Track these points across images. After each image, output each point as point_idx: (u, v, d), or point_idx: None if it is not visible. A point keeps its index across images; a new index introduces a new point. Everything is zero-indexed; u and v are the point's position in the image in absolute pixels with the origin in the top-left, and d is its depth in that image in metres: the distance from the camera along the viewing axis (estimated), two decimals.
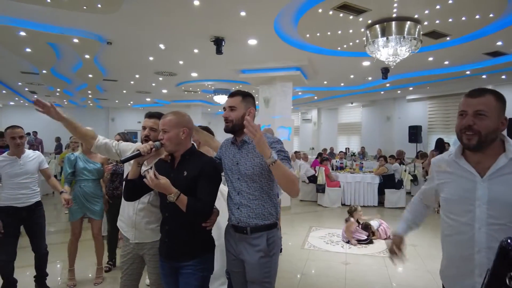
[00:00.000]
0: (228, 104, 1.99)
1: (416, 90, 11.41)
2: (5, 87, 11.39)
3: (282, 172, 1.71)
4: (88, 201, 3.54)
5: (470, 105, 1.37)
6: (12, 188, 3.15)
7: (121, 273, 2.30)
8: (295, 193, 1.81)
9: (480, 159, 1.40)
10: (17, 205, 3.16)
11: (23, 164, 3.22)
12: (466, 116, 1.38)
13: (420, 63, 7.50)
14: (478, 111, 1.35)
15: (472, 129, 1.35)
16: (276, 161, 1.67)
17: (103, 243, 3.81)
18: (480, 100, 1.36)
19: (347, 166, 9.65)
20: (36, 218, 3.31)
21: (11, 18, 5.16)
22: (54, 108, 2.15)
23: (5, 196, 3.14)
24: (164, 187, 1.76)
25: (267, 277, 1.90)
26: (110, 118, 19.24)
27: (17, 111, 17.31)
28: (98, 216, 3.63)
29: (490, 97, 1.36)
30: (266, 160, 1.69)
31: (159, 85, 11.00)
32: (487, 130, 1.34)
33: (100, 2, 4.31)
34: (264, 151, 1.67)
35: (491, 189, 1.34)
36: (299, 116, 18.97)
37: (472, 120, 1.36)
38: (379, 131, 13.66)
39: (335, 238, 5.56)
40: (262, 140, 1.65)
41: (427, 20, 4.90)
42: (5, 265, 3.15)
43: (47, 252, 3.43)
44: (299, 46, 6.31)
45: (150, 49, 6.62)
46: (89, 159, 3.59)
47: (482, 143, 1.35)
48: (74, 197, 3.51)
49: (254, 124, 1.65)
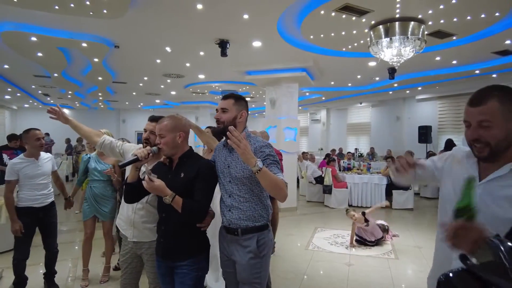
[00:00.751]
0: (220, 106, 2.03)
1: (425, 90, 11.27)
2: (20, 90, 11.71)
3: (268, 180, 1.74)
4: (97, 202, 3.62)
5: (472, 115, 1.25)
6: (30, 189, 3.26)
7: (121, 272, 2.37)
8: (283, 198, 1.82)
9: (488, 166, 1.30)
10: (35, 206, 3.28)
11: (41, 165, 3.34)
12: (471, 127, 1.26)
13: (428, 63, 7.42)
14: (481, 121, 1.22)
15: (480, 141, 1.24)
16: (262, 169, 1.69)
17: (113, 242, 3.90)
18: (482, 109, 1.22)
19: (354, 167, 9.60)
20: (50, 217, 3.43)
21: (23, 24, 5.33)
22: (61, 111, 2.43)
23: (24, 197, 3.25)
24: (159, 189, 1.81)
25: (257, 278, 1.92)
26: (121, 120, 19.53)
27: (31, 113, 17.74)
28: (107, 217, 3.69)
29: (492, 103, 1.20)
30: (251, 168, 1.71)
31: (167, 87, 11.14)
32: (496, 139, 1.21)
33: (105, 8, 4.42)
34: (248, 161, 1.69)
35: (480, 196, 1.22)
36: (307, 117, 18.92)
37: (477, 132, 1.24)
38: (389, 131, 13.52)
39: (340, 239, 5.55)
40: (246, 150, 1.68)
41: (432, 20, 4.86)
42: (18, 263, 3.29)
43: (58, 250, 3.55)
44: (304, 47, 6.32)
45: (157, 52, 6.73)
46: (101, 160, 3.68)
47: (494, 153, 1.23)
48: (86, 197, 3.63)
49: (238, 134, 1.68)
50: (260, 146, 1.93)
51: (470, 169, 1.34)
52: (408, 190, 7.98)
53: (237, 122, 1.99)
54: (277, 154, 2.36)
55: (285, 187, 1.81)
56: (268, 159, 1.87)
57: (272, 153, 1.93)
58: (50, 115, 2.43)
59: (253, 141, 1.97)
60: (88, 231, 3.65)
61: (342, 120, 16.58)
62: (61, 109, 2.44)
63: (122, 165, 2.02)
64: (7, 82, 10.13)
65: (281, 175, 1.83)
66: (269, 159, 1.88)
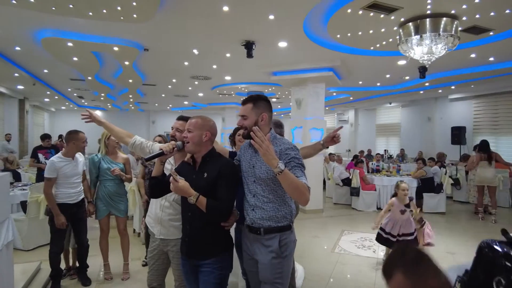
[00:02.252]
0: (240, 113, 2.05)
1: (459, 89, 10.76)
2: (57, 93, 12.36)
3: (289, 182, 1.72)
4: (113, 200, 3.75)
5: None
6: (66, 187, 3.48)
7: (148, 268, 2.45)
8: (304, 202, 1.79)
9: None
10: (69, 202, 3.48)
11: (76, 165, 3.55)
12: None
13: (462, 61, 7.09)
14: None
15: None
16: (283, 171, 1.68)
17: (129, 239, 4.01)
18: None
19: (383, 169, 9.33)
20: (81, 213, 3.61)
21: (61, 31, 5.63)
22: (93, 114, 2.61)
23: (60, 194, 3.46)
24: (183, 190, 1.86)
25: (278, 277, 1.92)
26: (151, 121, 20.13)
27: (67, 114, 18.67)
28: (123, 213, 3.84)
29: None
30: (272, 169, 1.70)
31: (195, 89, 11.35)
32: None
33: (135, 12, 4.57)
34: (270, 162, 1.69)
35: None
36: (335, 117, 18.62)
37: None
38: (420, 132, 13.04)
39: (367, 242, 5.42)
40: (268, 151, 1.67)
41: (466, 15, 4.64)
42: (55, 257, 3.50)
43: (88, 245, 3.72)
44: (331, 46, 6.23)
45: (184, 54, 6.87)
46: (112, 160, 3.80)
47: None
48: (100, 196, 3.73)
49: (261, 135, 1.67)
50: (286, 148, 1.92)
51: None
52: (440, 193, 7.66)
53: (259, 125, 1.98)
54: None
55: (307, 191, 1.77)
56: (292, 162, 1.85)
57: (297, 155, 1.90)
58: (86, 120, 2.62)
59: (278, 143, 1.96)
60: (105, 228, 3.79)
61: (370, 120, 16.19)
62: (92, 112, 2.61)
63: (148, 159, 2.10)
64: (46, 86, 10.73)
65: (304, 179, 1.80)
66: (293, 161, 1.86)
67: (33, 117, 15.16)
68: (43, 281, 3.57)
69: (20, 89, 11.43)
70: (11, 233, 2.92)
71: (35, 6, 4.39)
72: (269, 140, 1.75)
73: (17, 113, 13.14)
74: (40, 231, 4.88)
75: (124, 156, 3.94)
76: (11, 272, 2.94)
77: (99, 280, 3.82)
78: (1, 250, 2.72)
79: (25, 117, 13.39)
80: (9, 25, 5.34)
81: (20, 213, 4.95)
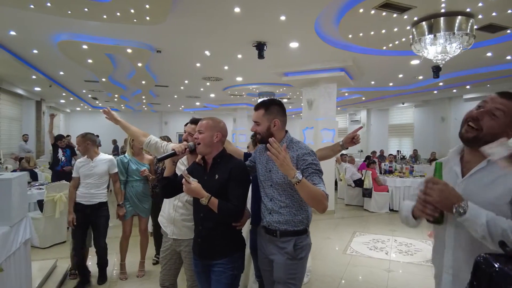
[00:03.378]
0: (252, 119, 2.05)
1: (475, 89, 10.54)
2: (72, 95, 12.63)
3: (307, 191, 1.70)
4: (139, 200, 3.84)
5: (493, 100, 1.31)
6: (83, 187, 3.56)
7: (161, 268, 2.48)
8: (321, 210, 1.77)
9: (471, 159, 1.35)
10: (82, 202, 3.54)
11: (94, 166, 3.58)
12: (480, 110, 1.32)
13: (477, 60, 6.95)
14: (496, 108, 1.28)
15: (476, 123, 1.30)
16: (301, 181, 1.67)
17: (148, 239, 4.09)
18: (506, 101, 1.28)
19: (396, 170, 9.22)
20: (97, 217, 3.60)
21: (76, 34, 5.77)
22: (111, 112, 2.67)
23: (78, 194, 3.56)
24: (195, 191, 1.87)
25: (292, 278, 1.92)
26: (163, 122, 20.36)
27: (82, 115, 19.06)
28: (147, 213, 3.95)
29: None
30: (290, 179, 1.69)
31: (207, 90, 11.43)
32: (489, 131, 1.27)
33: (148, 15, 4.64)
34: (287, 172, 1.68)
35: (464, 189, 1.29)
36: (347, 118, 18.48)
37: (483, 115, 1.29)
38: (433, 133, 12.84)
39: (380, 244, 5.37)
40: (284, 162, 1.67)
41: (482, 13, 4.55)
42: (75, 252, 3.61)
43: (105, 247, 3.71)
44: (342, 46, 6.20)
45: (196, 56, 6.94)
46: (139, 161, 3.89)
47: (478, 140, 1.29)
48: (127, 197, 3.80)
49: (278, 146, 1.67)
50: (303, 153, 1.90)
51: (454, 166, 1.40)
52: None
53: (272, 131, 1.97)
54: None
55: (325, 200, 1.75)
56: (310, 168, 1.83)
57: (315, 161, 1.88)
58: (106, 116, 2.71)
59: (295, 148, 1.95)
60: (128, 229, 3.86)
61: (383, 121, 16.01)
62: (111, 111, 2.69)
63: (160, 159, 2.11)
64: (62, 88, 10.97)
65: (322, 186, 1.78)
66: (311, 167, 1.84)
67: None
68: (59, 278, 3.65)
69: (37, 90, 11.72)
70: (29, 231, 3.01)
71: (52, 10, 4.50)
72: (285, 147, 1.73)
73: (34, 114, 13.48)
74: (56, 229, 5.00)
75: (150, 157, 4.00)
76: (29, 268, 3.02)
77: (112, 279, 3.88)
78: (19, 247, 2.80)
79: (42, 118, 13.72)
80: (27, 29, 5.49)
81: (36, 211, 5.08)
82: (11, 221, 2.66)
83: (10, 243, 2.59)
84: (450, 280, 1.34)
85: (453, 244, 1.33)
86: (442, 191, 1.23)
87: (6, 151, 9.98)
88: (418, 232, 6.06)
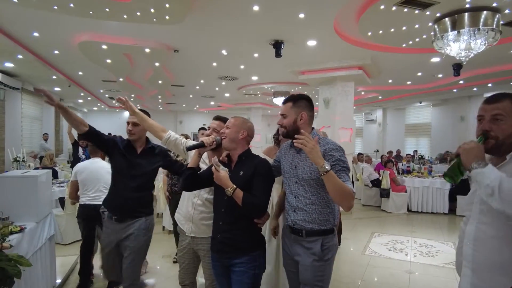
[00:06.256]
0: (280, 112, 2.06)
1: (497, 87, 10.23)
2: (90, 94, 12.87)
3: (334, 184, 1.68)
4: None
5: (486, 110, 1.42)
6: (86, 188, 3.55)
7: (179, 266, 2.45)
8: (347, 207, 1.75)
9: (493, 161, 1.43)
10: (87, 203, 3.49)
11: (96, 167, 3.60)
12: (483, 121, 1.43)
13: (500, 57, 6.74)
14: (494, 115, 1.39)
15: (490, 134, 1.40)
16: (329, 172, 1.65)
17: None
18: (496, 105, 1.40)
19: (414, 170, 9.04)
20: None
21: (96, 35, 5.86)
22: (128, 102, 2.46)
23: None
24: (223, 179, 1.89)
25: (319, 280, 1.88)
26: (178, 121, 20.55)
27: (99, 115, 19.40)
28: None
29: (506, 102, 1.38)
30: (318, 168, 1.68)
31: (222, 89, 11.47)
32: (505, 134, 1.37)
33: (167, 14, 4.67)
34: (315, 161, 1.67)
35: None
36: (362, 117, 18.25)
37: (489, 125, 1.40)
38: (452, 132, 12.53)
39: (399, 245, 5.27)
40: (314, 149, 1.67)
41: (509, 8, 4.41)
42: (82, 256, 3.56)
43: None
44: (361, 44, 6.11)
45: (213, 55, 6.96)
46: None
47: (499, 146, 1.38)
48: None
49: (307, 135, 1.69)
50: (330, 149, 1.86)
51: None
52: None
53: (298, 124, 1.95)
54: None
55: (352, 197, 1.72)
56: (338, 165, 1.79)
57: (343, 158, 1.84)
58: (119, 103, 2.49)
59: (322, 143, 1.91)
60: None
61: (399, 120, 15.73)
62: (128, 100, 2.47)
63: (189, 148, 2.15)
64: (80, 87, 11.19)
65: (350, 184, 1.75)
66: (339, 164, 1.80)
67: None
68: None
69: (56, 90, 11.98)
70: (53, 227, 3.07)
71: (75, 11, 4.58)
72: (317, 139, 1.74)
73: (53, 114, 13.79)
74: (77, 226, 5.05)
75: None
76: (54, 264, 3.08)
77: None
78: (45, 243, 2.86)
79: (61, 117, 14.01)
80: (49, 30, 5.60)
81: (58, 209, 5.19)
82: (37, 217, 2.72)
83: (36, 239, 2.65)
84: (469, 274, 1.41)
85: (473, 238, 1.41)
86: (472, 147, 1.34)
87: (27, 149, 10.23)
88: (438, 234, 5.93)
